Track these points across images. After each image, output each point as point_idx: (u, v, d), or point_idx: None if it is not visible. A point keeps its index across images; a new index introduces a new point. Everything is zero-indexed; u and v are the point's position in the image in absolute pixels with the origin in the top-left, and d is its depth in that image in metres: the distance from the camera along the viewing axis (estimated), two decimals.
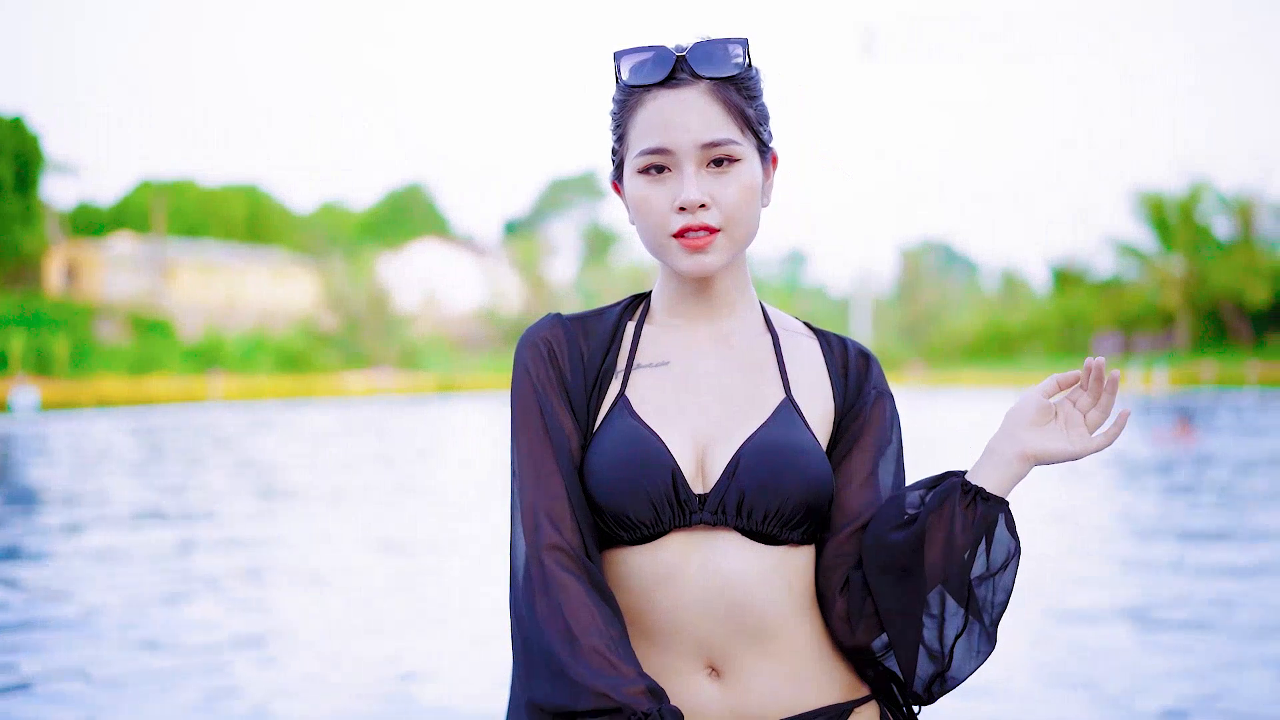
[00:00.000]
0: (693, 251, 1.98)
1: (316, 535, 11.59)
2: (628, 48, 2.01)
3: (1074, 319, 65.39)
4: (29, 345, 41.82)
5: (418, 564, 10.11)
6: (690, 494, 1.97)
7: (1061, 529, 11.63)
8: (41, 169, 51.24)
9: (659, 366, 2.08)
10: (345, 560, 10.20)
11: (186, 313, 56.47)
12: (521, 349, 2.08)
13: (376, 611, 8.20)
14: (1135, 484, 15.90)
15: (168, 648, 7.05)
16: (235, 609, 8.29)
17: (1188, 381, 49.13)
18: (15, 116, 50.56)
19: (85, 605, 8.17)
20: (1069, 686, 6.29)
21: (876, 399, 2.10)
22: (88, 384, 38.42)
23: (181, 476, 17.17)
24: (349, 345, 58.89)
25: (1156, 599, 8.50)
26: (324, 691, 6.08)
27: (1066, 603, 8.27)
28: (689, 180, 1.95)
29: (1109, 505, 13.31)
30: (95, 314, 50.69)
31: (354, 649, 7.08)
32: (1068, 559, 9.98)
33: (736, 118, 1.98)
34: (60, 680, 6.33)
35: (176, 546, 10.74)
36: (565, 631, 1.88)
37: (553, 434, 2.01)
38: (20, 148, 50.09)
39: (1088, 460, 15.40)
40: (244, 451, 21.72)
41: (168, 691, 6.07)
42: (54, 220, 56.63)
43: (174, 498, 14.41)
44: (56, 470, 18.04)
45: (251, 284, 64.03)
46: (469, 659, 6.81)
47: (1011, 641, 6.13)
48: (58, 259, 56.50)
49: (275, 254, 69.03)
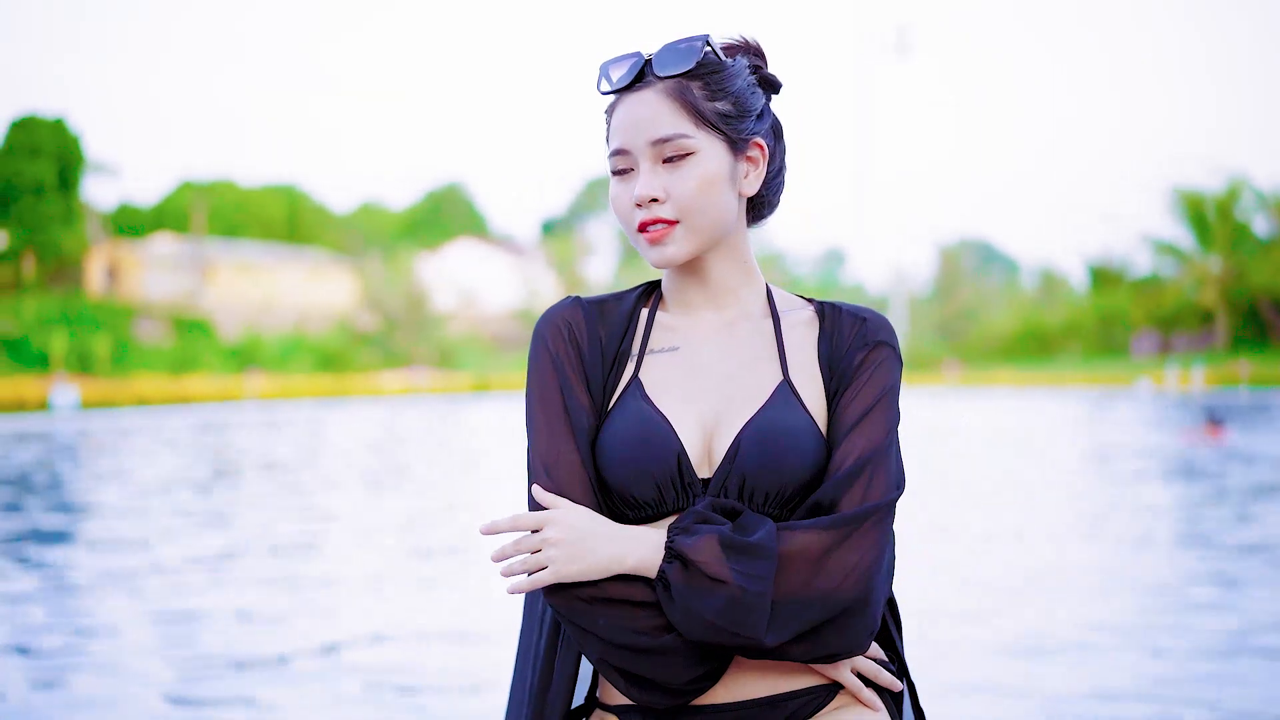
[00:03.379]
0: (653, 244, 2.07)
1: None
2: (611, 58, 2.11)
3: (1111, 318, 64.97)
4: (71, 345, 42.20)
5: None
6: (694, 476, 2.04)
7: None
8: (83, 170, 51.57)
9: (669, 352, 2.15)
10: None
11: (225, 312, 56.74)
12: (542, 328, 2.16)
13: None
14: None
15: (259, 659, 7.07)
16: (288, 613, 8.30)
17: (1225, 380, 48.75)
18: (57, 118, 50.97)
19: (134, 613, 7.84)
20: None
21: (867, 353, 2.12)
22: (127, 383, 38.76)
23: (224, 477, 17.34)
24: (386, 345, 59.08)
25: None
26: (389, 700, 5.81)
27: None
28: (642, 176, 2.05)
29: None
30: (135, 314, 51.03)
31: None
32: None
33: (690, 113, 2.05)
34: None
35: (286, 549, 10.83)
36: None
37: (571, 411, 2.10)
38: (62, 149, 50.51)
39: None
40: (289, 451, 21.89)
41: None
42: (95, 221, 56.97)
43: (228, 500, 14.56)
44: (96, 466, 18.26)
45: (290, 284, 64.22)
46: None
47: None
48: (99, 259, 56.87)
49: (314, 254, 69.27)
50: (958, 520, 11.76)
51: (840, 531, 1.97)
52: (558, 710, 2.10)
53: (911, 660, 4.07)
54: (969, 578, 8.79)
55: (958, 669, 6.14)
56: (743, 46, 2.18)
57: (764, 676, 2.05)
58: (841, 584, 1.96)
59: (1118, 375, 52.20)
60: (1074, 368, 58.82)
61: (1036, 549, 10.10)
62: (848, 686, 2.06)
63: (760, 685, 2.06)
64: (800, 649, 1.97)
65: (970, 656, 6.45)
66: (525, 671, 2.17)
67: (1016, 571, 9.01)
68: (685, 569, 1.95)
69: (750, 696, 2.05)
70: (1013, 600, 7.98)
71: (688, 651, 1.98)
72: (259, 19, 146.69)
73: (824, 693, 2.08)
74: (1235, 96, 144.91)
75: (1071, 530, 11.20)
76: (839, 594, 1.95)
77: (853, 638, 1.99)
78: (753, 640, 1.94)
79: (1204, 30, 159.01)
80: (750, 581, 1.92)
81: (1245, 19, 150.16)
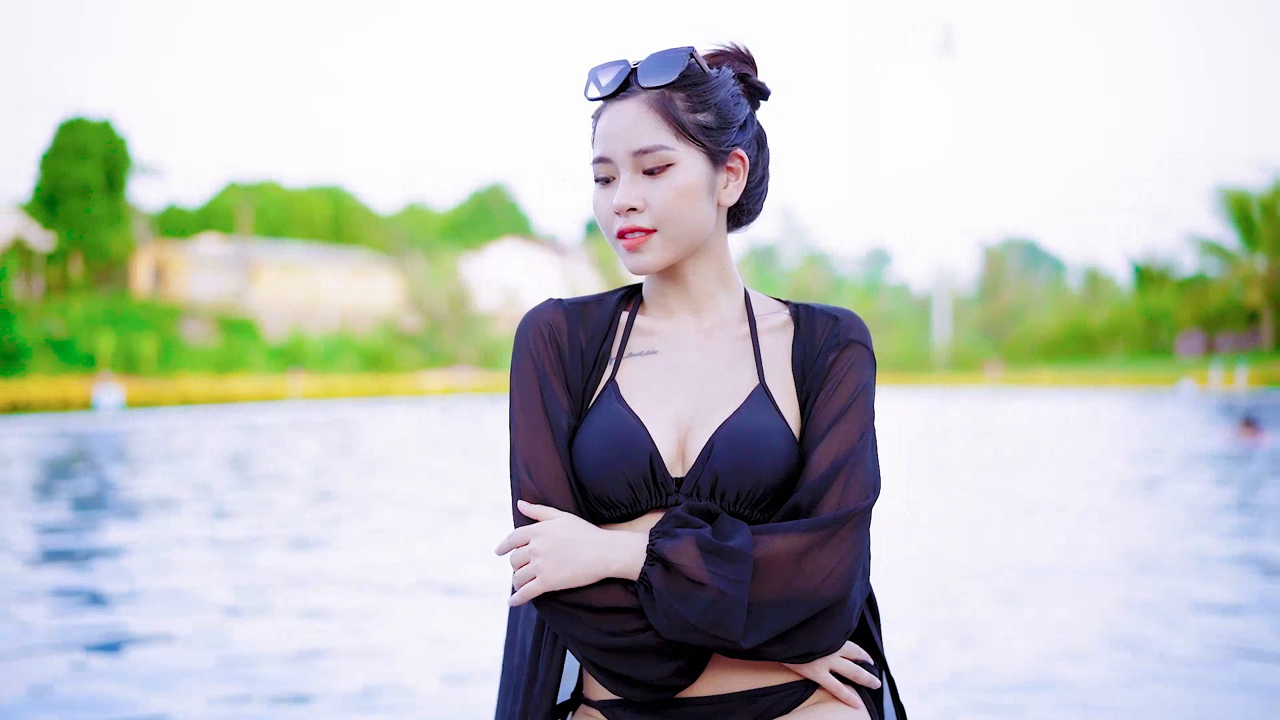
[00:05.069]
0: (630, 251, 2.11)
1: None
2: (599, 64, 2.14)
3: (1156, 317, 64.40)
4: (117, 345, 42.52)
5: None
6: (667, 477, 2.07)
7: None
8: (129, 172, 51.92)
9: (647, 355, 2.18)
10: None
11: (270, 313, 56.96)
12: (524, 329, 2.19)
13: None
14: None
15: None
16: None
17: (1270, 381, 48.20)
18: (104, 120, 51.35)
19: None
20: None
21: (839, 353, 2.14)
22: (171, 383, 39.05)
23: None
24: (430, 345, 59.18)
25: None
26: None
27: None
28: (622, 185, 2.09)
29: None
30: (181, 314, 51.32)
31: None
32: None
33: (671, 125, 2.08)
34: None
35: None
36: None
37: (550, 412, 2.13)
38: (109, 151, 50.91)
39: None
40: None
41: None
42: (142, 222, 57.32)
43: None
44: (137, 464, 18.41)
45: (334, 284, 64.31)
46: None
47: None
48: (145, 260, 57.22)
49: (358, 254, 69.44)
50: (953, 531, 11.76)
51: (818, 535, 2.00)
52: (544, 706, 2.14)
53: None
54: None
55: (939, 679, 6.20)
56: (732, 54, 2.19)
57: (745, 671, 2.09)
58: (819, 586, 1.99)
59: (1161, 376, 51.77)
60: (1118, 368, 58.36)
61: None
62: (824, 686, 2.11)
63: (742, 679, 2.09)
64: (777, 649, 2.01)
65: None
66: (511, 665, 2.21)
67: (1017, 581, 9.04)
68: (667, 572, 1.99)
69: (731, 690, 2.09)
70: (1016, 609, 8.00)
71: (662, 649, 2.03)
72: (304, 22, 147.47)
73: (803, 687, 2.12)
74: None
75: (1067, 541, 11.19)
76: (817, 596, 1.99)
77: (828, 637, 2.03)
78: (730, 641, 1.98)
79: (1251, 29, 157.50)
80: (728, 585, 1.96)
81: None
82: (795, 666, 2.09)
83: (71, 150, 50.14)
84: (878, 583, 8.93)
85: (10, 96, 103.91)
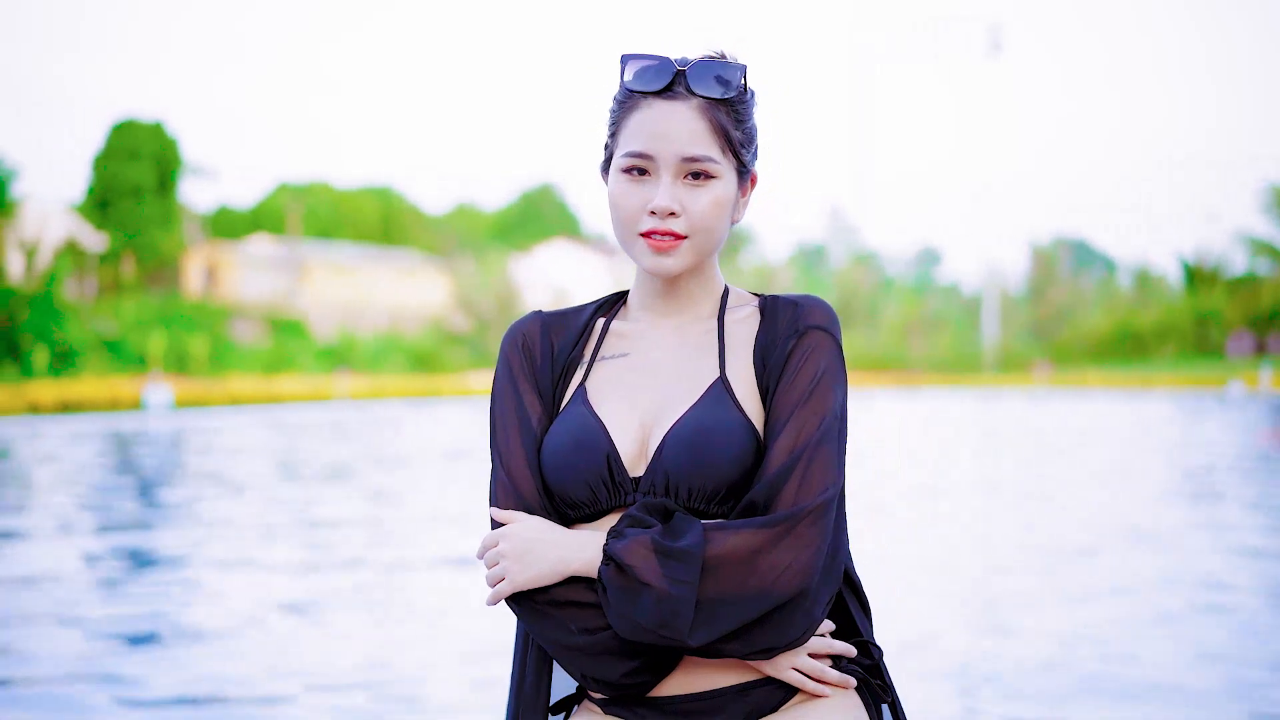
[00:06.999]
0: (657, 252, 2.13)
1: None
2: (635, 53, 2.13)
3: (1206, 318, 63.75)
4: (169, 345, 42.82)
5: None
6: (626, 476, 2.10)
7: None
8: (181, 173, 52.16)
9: (619, 358, 2.22)
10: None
11: (320, 313, 57.15)
12: (504, 341, 2.28)
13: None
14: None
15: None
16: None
17: None
18: (156, 121, 51.54)
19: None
20: None
21: (798, 339, 2.14)
22: (220, 383, 39.33)
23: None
24: (478, 345, 59.28)
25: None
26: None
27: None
28: (664, 188, 2.10)
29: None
30: (232, 314, 51.60)
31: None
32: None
33: (720, 137, 2.11)
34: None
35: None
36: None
37: (521, 418, 2.19)
38: (160, 152, 51.15)
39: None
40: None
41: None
42: (193, 223, 57.69)
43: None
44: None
45: (383, 285, 64.42)
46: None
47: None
48: (197, 261, 57.47)
49: (407, 255, 69.50)
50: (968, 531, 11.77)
51: (772, 532, 2.00)
52: (537, 704, 2.20)
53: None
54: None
55: None
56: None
57: (736, 666, 2.10)
58: (775, 583, 1.99)
59: (1211, 377, 51.28)
60: (1167, 369, 57.80)
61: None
62: (790, 682, 2.11)
63: (733, 674, 2.11)
64: (733, 646, 2.02)
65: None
66: (514, 664, 2.26)
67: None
68: (620, 572, 2.01)
69: (723, 685, 2.10)
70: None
71: (619, 649, 2.06)
72: (353, 23, 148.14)
73: (780, 686, 2.14)
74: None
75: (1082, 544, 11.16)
76: (773, 592, 1.99)
77: (788, 633, 2.03)
78: (677, 640, 1.99)
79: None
80: (673, 585, 1.97)
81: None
82: (757, 663, 2.10)
83: (124, 152, 50.42)
84: (911, 572, 8.95)
85: (63, 100, 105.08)
